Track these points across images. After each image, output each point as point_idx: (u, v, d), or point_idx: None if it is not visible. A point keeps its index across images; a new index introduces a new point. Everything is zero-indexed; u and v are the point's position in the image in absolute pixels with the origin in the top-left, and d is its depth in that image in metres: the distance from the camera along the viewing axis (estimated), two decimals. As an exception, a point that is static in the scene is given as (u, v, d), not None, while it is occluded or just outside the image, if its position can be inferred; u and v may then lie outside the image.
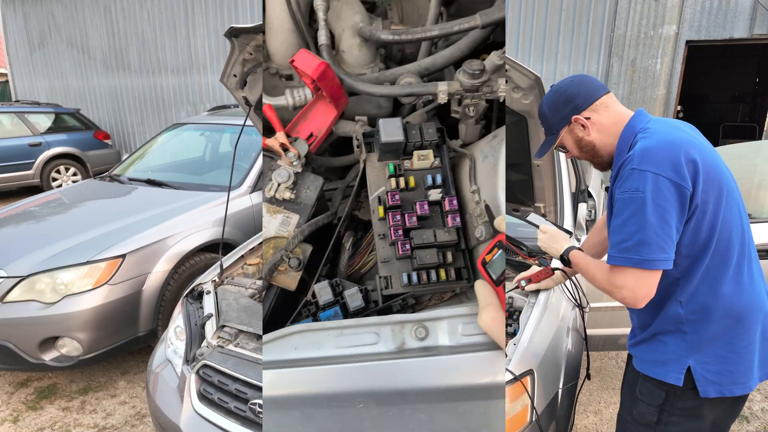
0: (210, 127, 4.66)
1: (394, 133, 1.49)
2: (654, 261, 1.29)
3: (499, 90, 1.56)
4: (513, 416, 1.57)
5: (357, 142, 1.68)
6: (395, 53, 1.95)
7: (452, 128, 1.85)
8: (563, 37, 6.52)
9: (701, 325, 1.40)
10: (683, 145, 1.32)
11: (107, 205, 3.69)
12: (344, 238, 1.80)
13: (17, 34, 11.39)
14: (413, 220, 1.46)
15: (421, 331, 1.16)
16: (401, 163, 1.55)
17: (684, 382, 1.41)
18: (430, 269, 1.44)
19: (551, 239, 1.64)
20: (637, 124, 1.42)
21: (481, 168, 1.63)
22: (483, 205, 1.53)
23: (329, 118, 1.72)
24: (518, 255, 2.18)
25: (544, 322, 1.80)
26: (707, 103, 10.39)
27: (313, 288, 1.60)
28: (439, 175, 1.54)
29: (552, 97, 1.50)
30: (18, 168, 7.71)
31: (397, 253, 1.46)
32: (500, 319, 1.15)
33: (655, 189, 1.27)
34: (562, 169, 2.69)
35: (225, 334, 1.88)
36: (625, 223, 1.32)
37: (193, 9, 9.06)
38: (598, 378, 3.16)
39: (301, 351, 1.13)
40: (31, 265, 2.80)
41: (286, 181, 1.75)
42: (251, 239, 2.67)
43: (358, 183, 1.73)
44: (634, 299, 1.35)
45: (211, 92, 9.33)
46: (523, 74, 1.70)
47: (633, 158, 1.33)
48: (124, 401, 2.96)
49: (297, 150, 1.74)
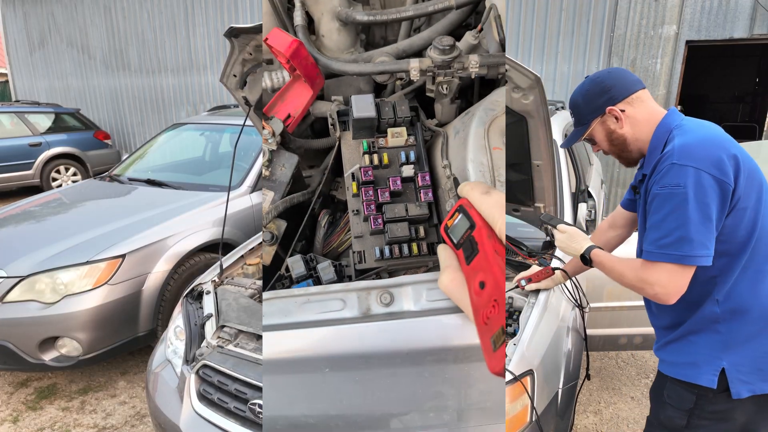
0: (210, 127, 4.66)
1: (366, 109, 1.50)
2: (695, 257, 1.26)
3: (470, 66, 1.54)
4: (513, 416, 1.57)
5: (331, 120, 1.68)
6: (377, 40, 1.94)
7: (431, 110, 1.84)
8: (563, 37, 6.52)
9: (737, 325, 1.37)
10: (723, 141, 1.31)
11: (107, 205, 3.69)
12: (320, 216, 1.80)
13: (17, 34, 11.39)
14: (386, 195, 1.47)
15: (386, 297, 1.16)
16: (375, 141, 1.55)
17: (717, 384, 1.37)
18: (402, 243, 1.44)
19: (570, 239, 1.59)
20: (671, 122, 1.41)
21: (453, 143, 1.62)
22: (452, 180, 1.52)
23: (305, 98, 1.71)
24: (518, 255, 2.17)
25: (544, 322, 1.80)
26: (707, 103, 10.39)
27: (286, 262, 1.58)
28: (413, 152, 1.54)
29: (587, 87, 1.48)
30: (18, 168, 7.71)
31: (370, 228, 1.46)
32: (459, 280, 1.13)
33: (697, 184, 1.25)
34: (562, 169, 2.69)
35: (225, 334, 1.88)
36: (665, 219, 1.29)
37: (193, 9, 9.06)
38: (598, 378, 3.16)
39: (267, 318, 1.13)
40: (31, 265, 2.80)
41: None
42: (251, 239, 2.67)
43: (333, 160, 1.73)
44: (666, 295, 1.32)
45: (211, 92, 9.32)
46: (523, 74, 1.69)
47: (672, 154, 1.30)
48: (124, 401, 2.96)
49: (271, 127, 1.73)
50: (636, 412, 2.85)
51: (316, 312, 1.15)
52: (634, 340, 2.68)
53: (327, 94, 1.93)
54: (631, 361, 3.38)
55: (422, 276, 1.17)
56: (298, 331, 1.13)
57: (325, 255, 1.78)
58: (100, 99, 10.67)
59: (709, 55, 9.30)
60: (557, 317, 1.90)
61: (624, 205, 1.75)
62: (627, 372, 3.25)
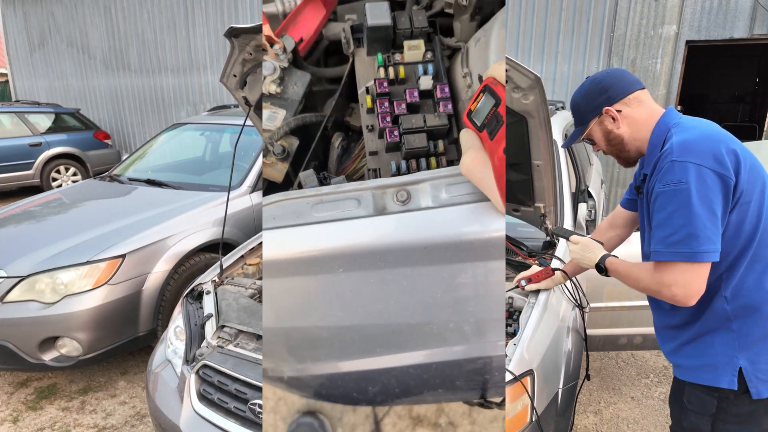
0: (210, 127, 4.66)
1: (381, 16, 1.41)
2: (705, 253, 1.25)
3: None
4: (513, 416, 1.57)
5: (344, 36, 1.60)
6: None
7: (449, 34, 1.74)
8: (563, 37, 6.52)
9: (750, 322, 1.35)
10: (722, 137, 1.31)
11: (107, 205, 3.69)
12: (333, 137, 1.74)
13: (17, 34, 11.39)
14: (402, 107, 1.40)
15: (402, 194, 1.10)
16: (391, 56, 1.47)
17: (738, 385, 1.34)
18: (420, 157, 1.37)
19: (584, 249, 1.58)
20: (669, 120, 1.41)
21: (473, 52, 1.53)
22: (476, 84, 1.43)
23: (318, 18, 1.66)
24: (518, 255, 2.17)
25: (544, 322, 1.80)
26: (707, 103, 10.39)
27: (299, 177, 1.52)
28: (431, 66, 1.45)
29: (586, 87, 1.49)
30: (18, 168, 7.70)
31: (386, 143, 1.38)
32: (481, 158, 1.06)
33: (699, 180, 1.24)
34: (562, 169, 2.69)
35: (225, 334, 1.88)
36: (671, 216, 1.28)
37: (193, 9, 9.06)
38: (598, 378, 3.16)
39: (279, 220, 1.07)
40: (31, 265, 2.79)
41: (271, 74, 1.69)
42: (251, 239, 2.67)
43: (347, 77, 1.65)
44: (686, 296, 1.29)
45: (211, 92, 9.32)
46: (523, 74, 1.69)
47: (672, 151, 1.30)
48: (124, 401, 2.96)
49: (282, 43, 1.67)
50: (636, 412, 2.85)
51: (329, 211, 1.09)
52: (634, 340, 2.68)
53: (340, 18, 1.84)
54: (631, 361, 3.38)
55: (441, 171, 1.08)
56: (310, 228, 1.06)
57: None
58: (100, 99, 10.67)
59: (709, 55, 9.30)
60: (557, 317, 1.90)
61: (624, 205, 1.75)
62: (627, 372, 3.25)
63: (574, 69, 6.55)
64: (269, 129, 1.68)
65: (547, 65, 6.67)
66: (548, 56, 6.65)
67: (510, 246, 2.18)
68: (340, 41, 1.73)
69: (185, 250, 3.15)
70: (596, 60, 6.42)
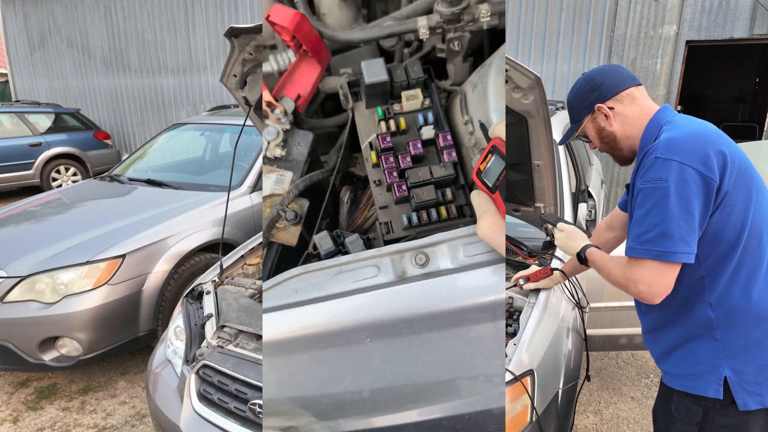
0: (210, 127, 4.66)
1: (377, 73, 1.45)
2: (675, 253, 1.23)
3: (481, 17, 1.48)
4: (513, 416, 1.57)
5: (342, 92, 1.64)
6: (379, 15, 1.91)
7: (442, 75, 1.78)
8: (563, 37, 6.52)
9: (734, 331, 1.31)
10: (711, 136, 1.28)
11: (107, 205, 3.69)
12: (341, 192, 1.77)
13: (17, 34, 11.39)
14: (407, 160, 1.42)
15: (421, 258, 1.11)
16: (390, 107, 1.50)
17: (724, 395, 1.31)
18: (429, 208, 1.40)
19: (568, 237, 1.59)
20: (662, 118, 1.39)
21: (472, 98, 1.56)
22: (478, 131, 1.46)
23: (314, 75, 1.68)
24: (518, 255, 2.18)
25: (544, 322, 1.79)
26: (707, 103, 10.39)
27: (313, 240, 1.55)
28: (430, 113, 1.48)
29: (580, 85, 1.48)
30: (18, 168, 7.71)
31: (394, 197, 1.41)
32: (498, 225, 1.07)
33: (680, 179, 1.22)
34: (562, 169, 2.69)
35: (225, 334, 1.88)
36: (647, 213, 1.26)
37: (193, 9, 9.06)
38: (598, 378, 3.16)
39: (301, 294, 1.08)
40: (31, 265, 2.80)
41: (275, 138, 1.70)
42: (251, 239, 2.67)
43: (348, 132, 1.68)
44: (650, 294, 1.28)
45: (211, 92, 9.33)
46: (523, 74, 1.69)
47: (657, 148, 1.28)
48: (124, 401, 2.96)
49: (283, 106, 1.70)
50: (636, 412, 2.85)
51: (350, 281, 1.10)
52: (634, 340, 2.68)
53: (335, 71, 1.89)
54: (631, 361, 3.38)
55: (457, 232, 1.10)
56: (334, 302, 1.09)
57: (351, 232, 1.74)
58: (100, 99, 10.67)
59: (709, 55, 9.30)
60: (557, 317, 1.90)
61: (621, 206, 1.74)
62: (627, 372, 3.25)
63: (574, 69, 6.55)
64: (278, 193, 1.67)
65: (547, 65, 6.67)
66: (548, 56, 6.65)
67: (510, 246, 2.18)
68: (336, 95, 1.75)
69: (185, 250, 3.15)
70: (596, 60, 6.42)
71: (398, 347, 1.07)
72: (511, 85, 1.74)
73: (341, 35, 1.64)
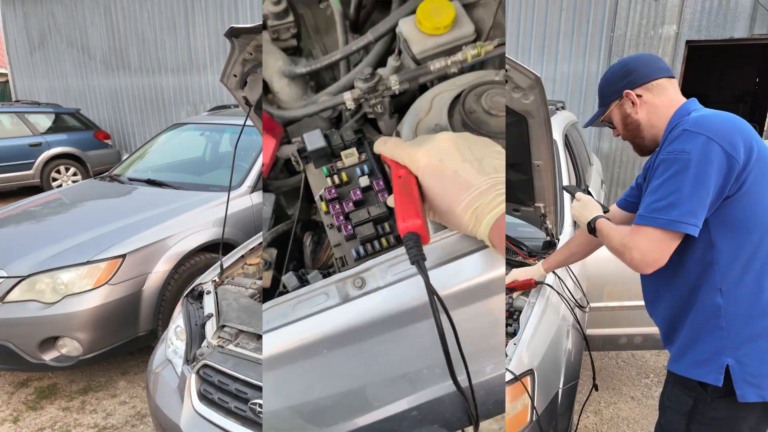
0: (210, 127, 4.66)
1: (317, 142, 1.78)
2: (681, 223, 1.23)
3: (392, 86, 1.79)
4: (513, 416, 1.58)
5: (294, 158, 1.95)
6: (327, 82, 2.19)
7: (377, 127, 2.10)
8: (563, 37, 6.52)
9: (740, 321, 1.30)
10: (742, 125, 1.29)
11: (107, 205, 3.69)
12: (304, 237, 2.06)
13: (17, 34, 11.39)
14: (350, 205, 1.69)
15: (358, 281, 1.34)
16: (334, 165, 1.80)
17: (723, 384, 1.30)
18: (372, 241, 1.66)
19: (583, 207, 1.61)
20: (689, 107, 1.40)
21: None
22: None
23: (271, 147, 2.02)
24: (518, 255, 2.18)
25: (544, 322, 1.80)
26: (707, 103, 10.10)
27: (282, 280, 1.82)
28: (366, 165, 1.77)
29: (613, 69, 1.50)
30: (18, 168, 7.71)
31: (344, 236, 1.69)
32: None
33: (704, 153, 1.22)
34: (562, 169, 2.70)
35: (225, 334, 1.88)
36: (663, 183, 1.26)
37: (193, 9, 9.06)
38: (598, 378, 3.16)
39: (272, 323, 1.36)
40: (31, 265, 2.80)
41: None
42: (251, 239, 2.67)
43: (303, 188, 2.00)
44: (642, 262, 1.29)
45: (211, 92, 9.33)
46: (523, 74, 1.70)
47: (687, 122, 1.29)
48: (124, 401, 2.96)
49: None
50: (636, 412, 2.85)
51: (307, 308, 1.34)
52: (634, 340, 2.68)
53: (296, 135, 2.20)
54: (631, 361, 3.38)
55: (383, 257, 1.34)
56: (296, 325, 1.34)
57: (318, 269, 2.02)
58: (100, 99, 10.68)
59: (709, 55, 9.30)
60: (557, 317, 1.90)
61: (620, 205, 1.74)
62: (627, 372, 3.25)
63: (574, 69, 6.55)
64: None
65: (547, 65, 6.67)
66: (548, 56, 6.65)
67: (510, 246, 2.19)
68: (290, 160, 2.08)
69: (185, 250, 3.16)
70: (596, 60, 6.42)
71: (350, 354, 1.31)
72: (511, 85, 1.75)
73: (287, 114, 2.01)
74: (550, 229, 2.25)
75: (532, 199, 2.19)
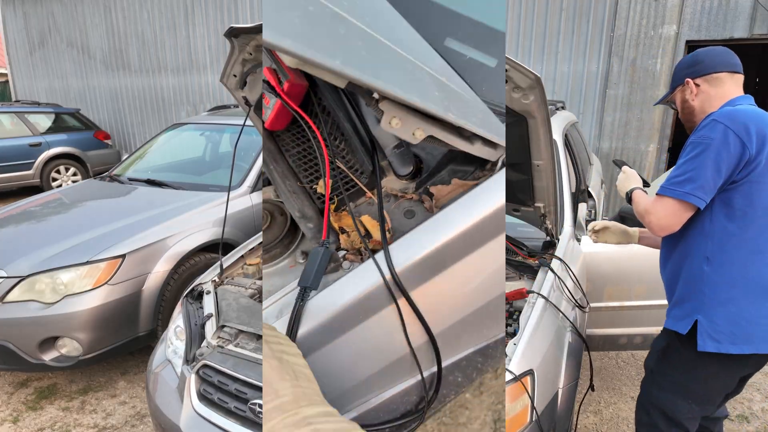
0: (210, 127, 4.66)
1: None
2: (691, 195, 1.45)
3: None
4: (513, 416, 1.57)
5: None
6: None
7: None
8: (563, 37, 6.52)
9: (721, 288, 1.51)
10: (760, 118, 1.44)
11: (107, 205, 3.69)
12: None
13: (17, 34, 11.39)
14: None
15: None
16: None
17: (688, 333, 1.56)
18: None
19: (626, 179, 1.82)
20: (737, 101, 1.55)
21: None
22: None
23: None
24: (518, 255, 2.18)
25: (544, 322, 1.80)
26: (707, 103, 10.39)
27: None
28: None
29: (685, 58, 1.66)
30: (18, 168, 7.71)
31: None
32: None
33: (723, 140, 1.42)
34: (562, 169, 2.70)
35: (225, 334, 1.88)
36: (686, 162, 1.48)
37: (193, 9, 9.06)
38: (598, 378, 3.16)
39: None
40: (31, 265, 2.80)
41: None
42: (251, 239, 2.67)
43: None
44: (657, 226, 1.52)
45: (211, 92, 9.32)
46: (523, 74, 1.69)
47: (716, 113, 1.49)
48: (124, 401, 2.96)
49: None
50: (636, 412, 2.85)
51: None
52: (634, 340, 2.68)
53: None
54: (631, 361, 3.38)
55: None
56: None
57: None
58: (100, 99, 10.68)
59: (709, 55, 9.30)
60: (557, 317, 1.90)
61: None
62: (627, 372, 3.25)
63: (574, 69, 6.55)
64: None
65: (547, 65, 6.67)
66: (548, 56, 6.65)
67: (510, 246, 2.18)
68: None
69: (185, 250, 3.16)
70: (596, 60, 6.42)
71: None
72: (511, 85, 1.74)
73: None
74: (550, 229, 2.25)
75: (532, 199, 2.19)
